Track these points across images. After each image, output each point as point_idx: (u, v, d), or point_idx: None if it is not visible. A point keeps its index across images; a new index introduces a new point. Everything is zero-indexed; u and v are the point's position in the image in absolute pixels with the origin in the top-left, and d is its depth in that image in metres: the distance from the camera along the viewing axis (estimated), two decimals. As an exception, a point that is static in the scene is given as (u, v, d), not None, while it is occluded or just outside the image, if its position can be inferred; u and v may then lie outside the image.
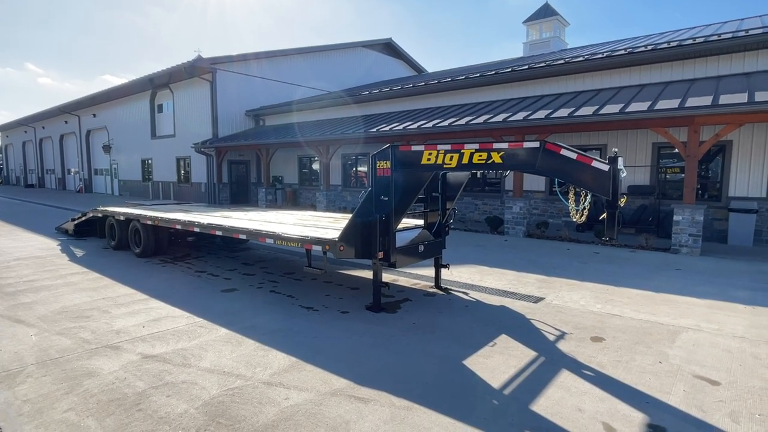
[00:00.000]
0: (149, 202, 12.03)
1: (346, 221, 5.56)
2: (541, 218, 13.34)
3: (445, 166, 5.05)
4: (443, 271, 6.69)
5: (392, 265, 5.54)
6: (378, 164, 5.50)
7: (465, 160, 4.91)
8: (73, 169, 35.74)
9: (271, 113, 22.27)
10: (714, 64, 10.89)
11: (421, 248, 6.01)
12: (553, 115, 10.54)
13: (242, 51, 21.98)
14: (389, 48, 29.07)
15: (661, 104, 9.25)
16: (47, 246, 10.09)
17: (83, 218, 10.73)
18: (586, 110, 10.19)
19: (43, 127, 39.54)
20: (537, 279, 7.23)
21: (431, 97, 16.21)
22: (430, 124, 12.84)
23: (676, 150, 10.48)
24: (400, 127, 13.58)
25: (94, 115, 31.37)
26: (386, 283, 5.47)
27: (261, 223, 7.21)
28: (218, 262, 8.55)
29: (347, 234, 5.30)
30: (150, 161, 26.71)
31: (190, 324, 5.05)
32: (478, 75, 14.47)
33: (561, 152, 4.57)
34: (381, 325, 5.03)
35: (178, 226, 7.59)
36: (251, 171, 23.21)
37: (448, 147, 5.02)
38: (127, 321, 5.16)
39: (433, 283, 6.74)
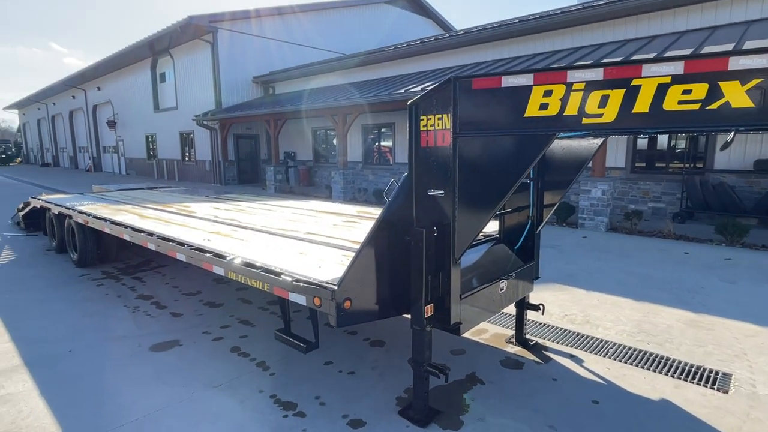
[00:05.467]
0: (116, 186, 9.53)
1: (362, 232, 2.81)
2: (619, 203, 10.22)
3: (586, 121, 2.15)
4: (529, 311, 3.83)
5: (454, 330, 2.73)
6: (423, 121, 2.64)
7: (642, 106, 2.01)
8: (84, 147, 34.02)
9: (282, 79, 19.38)
10: None
11: (503, 286, 3.16)
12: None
13: (246, 7, 18.83)
14: (415, 4, 25.42)
15: None
16: (-23, 246, 7.71)
17: (26, 209, 8.30)
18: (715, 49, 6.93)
19: (54, 104, 37.76)
20: (681, 319, 4.31)
21: (472, 51, 13.00)
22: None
23: None
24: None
25: (99, 88, 29.13)
26: (441, 367, 2.67)
27: (221, 228, 4.49)
28: (180, 278, 5.94)
29: (361, 270, 2.50)
30: (154, 137, 24.37)
31: (32, 464, 2.40)
32: (538, 17, 11.16)
33: None
34: (435, 483, 2.27)
35: (107, 230, 4.96)
36: (261, 146, 20.53)
37: (597, 75, 2.10)
38: None
39: (513, 333, 3.92)
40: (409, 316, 2.74)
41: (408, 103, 2.69)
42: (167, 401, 3.00)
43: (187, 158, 21.81)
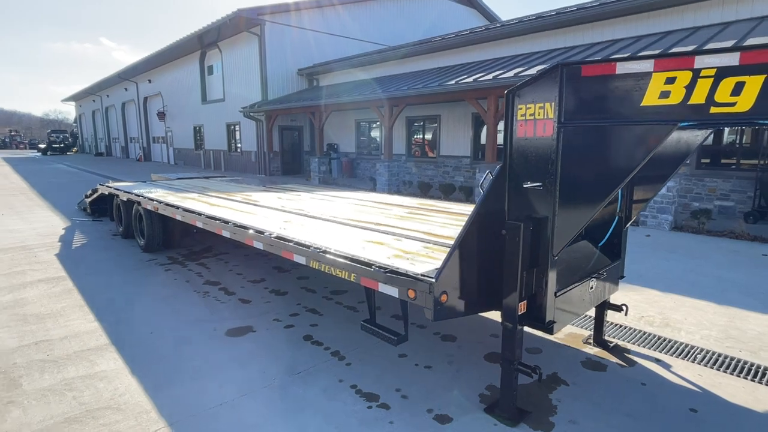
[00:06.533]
0: (174, 175, 9.87)
1: (437, 225, 2.74)
2: (682, 201, 9.69)
3: (714, 110, 2.00)
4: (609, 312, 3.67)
5: (548, 329, 2.63)
6: (521, 110, 2.54)
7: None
8: (135, 138, 35.59)
9: (326, 71, 19.49)
10: None
11: (593, 285, 3.03)
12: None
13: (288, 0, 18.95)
14: (461, -7, 24.92)
15: None
16: (51, 230, 8.18)
17: (94, 195, 8.74)
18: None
19: (108, 96, 39.64)
20: (773, 326, 4.02)
21: (522, 41, 12.61)
22: (532, 71, 9.45)
23: None
24: (488, 77, 10.29)
25: (150, 81, 30.31)
26: (533, 367, 2.59)
27: (291, 218, 4.54)
28: (242, 264, 6.07)
29: (456, 264, 2.45)
30: (201, 128, 25.14)
31: (135, 440, 2.50)
32: (597, 4, 10.67)
33: None
34: (537, 486, 2.20)
35: (178, 216, 5.13)
36: (304, 138, 20.80)
37: (732, 60, 1.94)
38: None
39: (590, 334, 3.77)
40: (493, 312, 2.67)
41: (506, 91, 2.59)
42: (251, 386, 3.06)
43: (233, 149, 22.38)
